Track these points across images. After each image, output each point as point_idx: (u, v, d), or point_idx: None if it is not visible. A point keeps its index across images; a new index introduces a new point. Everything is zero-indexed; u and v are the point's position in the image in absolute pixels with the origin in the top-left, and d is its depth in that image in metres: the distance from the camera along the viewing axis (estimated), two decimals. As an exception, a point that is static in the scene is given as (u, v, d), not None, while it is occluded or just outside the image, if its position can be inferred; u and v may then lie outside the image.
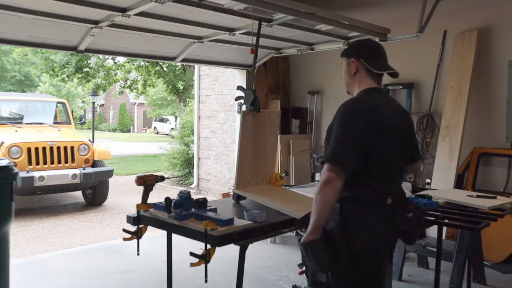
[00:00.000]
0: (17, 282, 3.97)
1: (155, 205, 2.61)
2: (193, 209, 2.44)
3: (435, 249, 3.57)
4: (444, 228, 4.36)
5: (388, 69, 2.10)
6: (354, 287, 2.00)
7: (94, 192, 8.03)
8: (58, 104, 9.27)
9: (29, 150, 7.04)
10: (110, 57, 16.58)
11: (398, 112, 2.12)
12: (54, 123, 8.71)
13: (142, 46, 4.90)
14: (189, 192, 2.45)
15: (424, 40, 4.67)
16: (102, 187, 8.01)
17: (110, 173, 7.80)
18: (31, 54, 17.08)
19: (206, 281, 2.25)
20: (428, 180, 5.08)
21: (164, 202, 2.43)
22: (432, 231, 4.37)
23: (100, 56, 16.50)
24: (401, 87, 5.51)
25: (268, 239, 5.27)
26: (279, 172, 5.11)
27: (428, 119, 5.32)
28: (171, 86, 17.54)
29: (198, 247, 2.19)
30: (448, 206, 3.22)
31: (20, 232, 6.20)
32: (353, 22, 4.14)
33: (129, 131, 35.78)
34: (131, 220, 2.62)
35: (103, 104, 40.64)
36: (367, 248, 1.91)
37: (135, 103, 38.08)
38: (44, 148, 7.18)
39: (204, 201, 2.56)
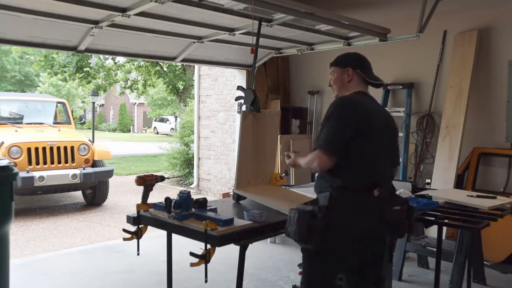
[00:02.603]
0: (17, 282, 3.97)
1: (155, 205, 2.61)
2: (193, 209, 2.44)
3: (435, 249, 3.56)
4: (444, 228, 4.37)
5: (378, 79, 2.38)
6: (315, 264, 2.19)
7: (94, 192, 8.03)
8: (58, 104, 9.26)
9: (29, 150, 7.04)
10: (110, 57, 16.58)
11: (386, 116, 2.35)
12: (54, 123, 8.70)
13: (142, 46, 4.90)
14: (189, 192, 2.45)
15: (424, 40, 4.66)
16: (102, 187, 8.01)
17: (110, 173, 7.80)
18: (31, 52, 17.09)
19: (206, 281, 2.26)
20: (428, 180, 5.09)
21: (164, 202, 2.43)
22: (432, 231, 4.40)
23: (101, 56, 16.51)
24: (401, 87, 5.50)
25: (268, 239, 5.28)
26: (279, 172, 5.10)
27: (428, 119, 5.31)
28: (171, 86, 17.53)
29: (198, 247, 2.19)
30: (448, 206, 3.21)
31: (20, 232, 6.20)
32: (353, 22, 4.14)
33: (129, 131, 35.75)
34: (131, 220, 2.62)
35: (103, 104, 40.64)
36: (342, 231, 2.09)
37: (135, 103, 38.08)
38: (44, 148, 7.18)
39: (204, 201, 2.56)
